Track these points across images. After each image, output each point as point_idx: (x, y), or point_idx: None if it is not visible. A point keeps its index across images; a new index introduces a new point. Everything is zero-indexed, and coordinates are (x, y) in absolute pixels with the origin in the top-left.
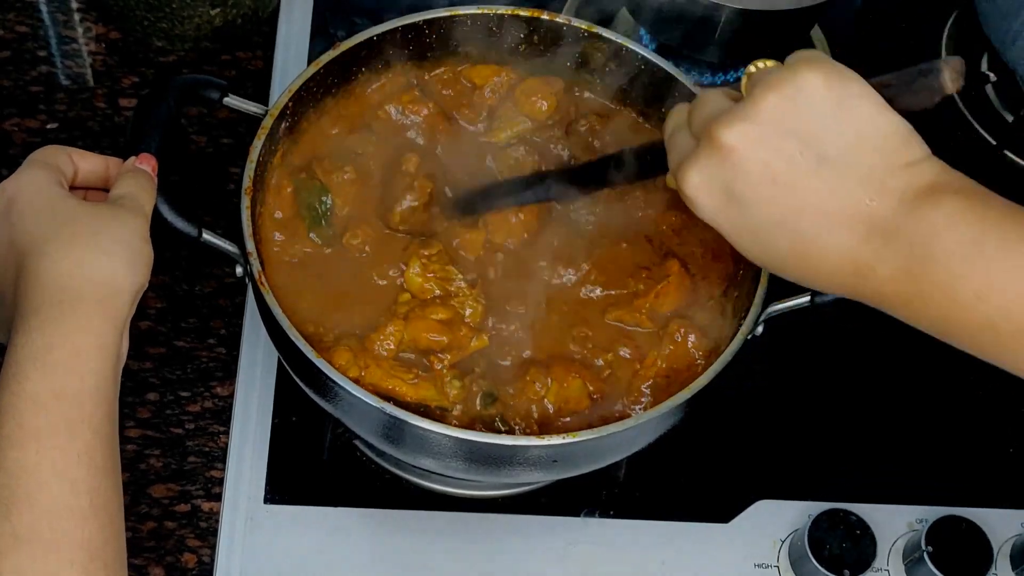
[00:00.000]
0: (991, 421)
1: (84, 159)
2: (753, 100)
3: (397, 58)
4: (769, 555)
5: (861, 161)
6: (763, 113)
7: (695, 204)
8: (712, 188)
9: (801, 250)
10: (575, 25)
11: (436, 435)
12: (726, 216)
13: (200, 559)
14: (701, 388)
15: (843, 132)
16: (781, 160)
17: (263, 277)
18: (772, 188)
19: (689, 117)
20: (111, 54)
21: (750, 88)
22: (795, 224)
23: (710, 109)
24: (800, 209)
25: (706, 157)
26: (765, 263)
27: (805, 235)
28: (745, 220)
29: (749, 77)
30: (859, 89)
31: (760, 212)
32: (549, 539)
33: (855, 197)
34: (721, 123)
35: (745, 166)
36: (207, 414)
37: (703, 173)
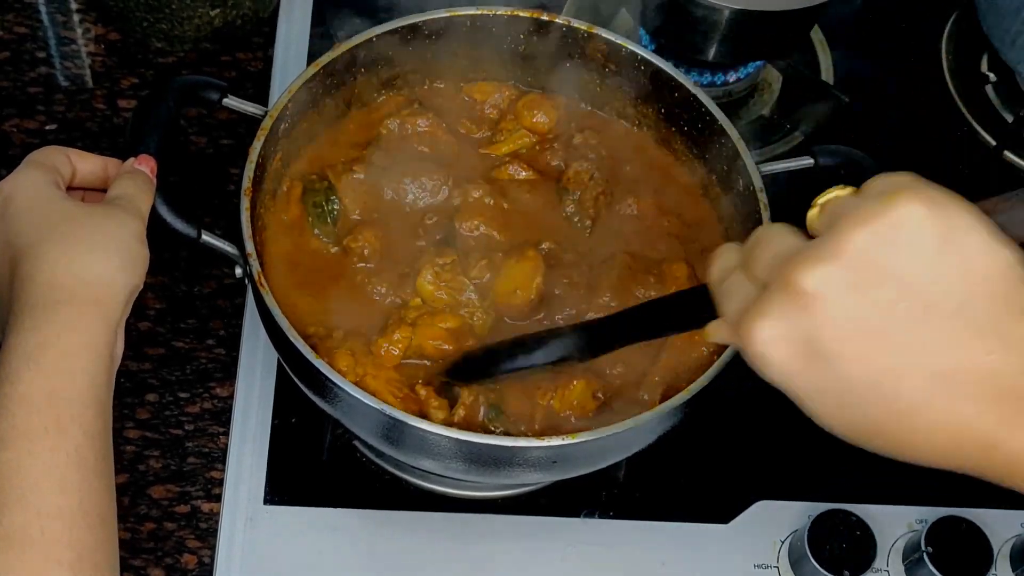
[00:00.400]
0: None
1: (83, 160)
2: (837, 237)
3: (396, 59)
4: (769, 555)
5: (975, 307)
6: (853, 253)
7: (765, 362)
8: (789, 343)
9: (904, 419)
10: (575, 26)
11: (436, 436)
12: (805, 377)
13: (200, 560)
14: (701, 388)
15: (950, 273)
16: (876, 309)
17: (262, 278)
18: (865, 343)
19: (748, 257)
20: (110, 55)
21: (831, 222)
22: (894, 388)
23: (779, 248)
24: (901, 369)
25: (780, 306)
26: (853, 434)
27: (908, 401)
28: (829, 383)
29: (823, 208)
30: (967, 221)
31: (849, 372)
32: (549, 540)
33: (971, 352)
34: (799, 265)
35: (832, 316)
36: (207, 415)
37: (776, 325)
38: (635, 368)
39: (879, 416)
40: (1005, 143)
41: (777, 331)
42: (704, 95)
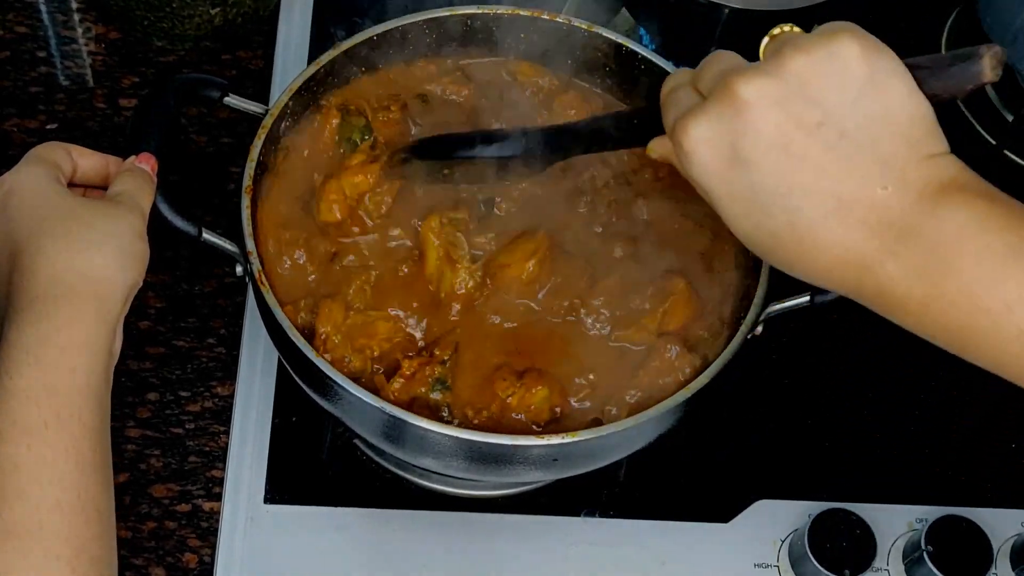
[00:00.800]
0: (991, 421)
1: (84, 156)
2: (780, 59)
3: (396, 58)
4: (769, 555)
5: (882, 145)
6: (789, 74)
7: (692, 160)
8: (716, 143)
9: (800, 233)
10: (575, 25)
11: (436, 435)
12: (723, 179)
13: (201, 559)
14: (701, 388)
15: (869, 110)
16: (800, 127)
17: (263, 276)
18: (782, 156)
19: (697, 75)
20: (111, 54)
21: (777, 48)
22: (799, 201)
23: (726, 64)
24: (807, 185)
25: (715, 109)
26: (754, 241)
27: (807, 216)
28: (744, 187)
29: (773, 39)
30: (893, 66)
31: (763, 180)
32: (549, 539)
33: (870, 182)
34: (741, 75)
35: (758, 125)
36: (207, 414)
37: (709, 126)
38: (606, 383)
39: (780, 228)
40: (1005, 142)
41: (707, 132)
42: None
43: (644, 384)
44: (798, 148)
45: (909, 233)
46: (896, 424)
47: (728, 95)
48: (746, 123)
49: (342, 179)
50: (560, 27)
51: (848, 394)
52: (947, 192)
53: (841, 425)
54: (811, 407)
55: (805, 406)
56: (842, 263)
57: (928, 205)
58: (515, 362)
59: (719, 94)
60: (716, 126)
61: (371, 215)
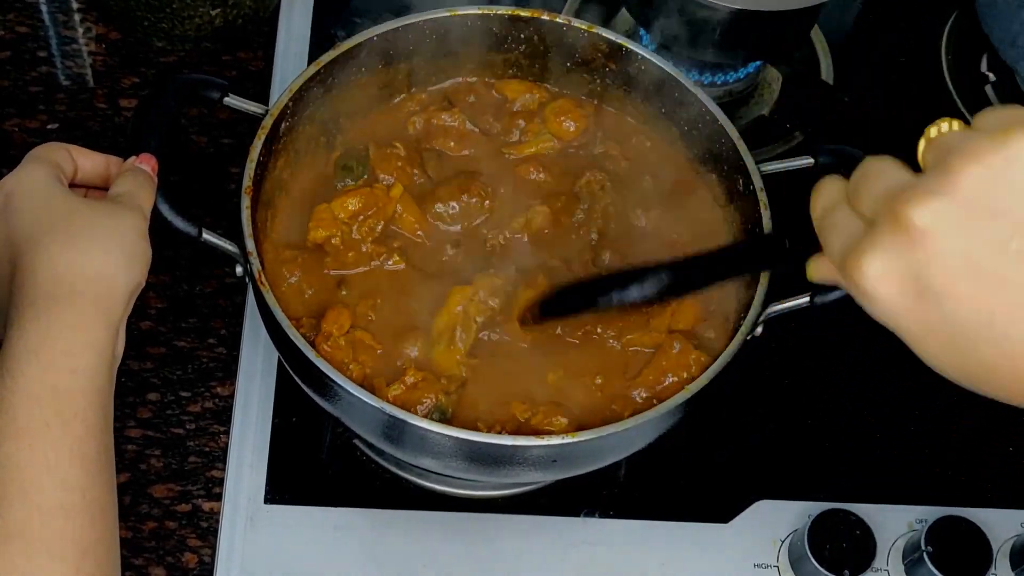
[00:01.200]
0: (991, 421)
1: (85, 157)
2: (949, 172)
3: (396, 58)
4: (769, 555)
5: None
6: (964, 189)
7: (874, 300)
8: (897, 280)
9: (1017, 363)
10: (575, 25)
11: (436, 435)
12: (913, 315)
13: (201, 559)
14: (701, 388)
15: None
16: (988, 248)
17: (263, 276)
18: (975, 283)
19: (854, 191)
20: (111, 54)
21: (942, 157)
22: (1005, 328)
23: (888, 182)
24: (1012, 309)
25: (889, 242)
26: (962, 376)
27: (1018, 342)
28: (938, 321)
29: (932, 143)
30: None
31: (958, 311)
32: (549, 539)
33: None
34: (909, 200)
35: (942, 255)
36: (207, 414)
37: (886, 261)
38: (614, 384)
39: (989, 357)
40: None
41: (886, 267)
42: (704, 95)
43: (651, 382)
44: (991, 270)
45: None
46: (896, 424)
47: (900, 224)
48: (928, 254)
49: (333, 203)
50: (560, 27)
51: (848, 394)
52: None
53: (841, 425)
54: (811, 407)
55: (805, 406)
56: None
57: None
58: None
59: (889, 222)
60: (894, 261)
61: (364, 239)
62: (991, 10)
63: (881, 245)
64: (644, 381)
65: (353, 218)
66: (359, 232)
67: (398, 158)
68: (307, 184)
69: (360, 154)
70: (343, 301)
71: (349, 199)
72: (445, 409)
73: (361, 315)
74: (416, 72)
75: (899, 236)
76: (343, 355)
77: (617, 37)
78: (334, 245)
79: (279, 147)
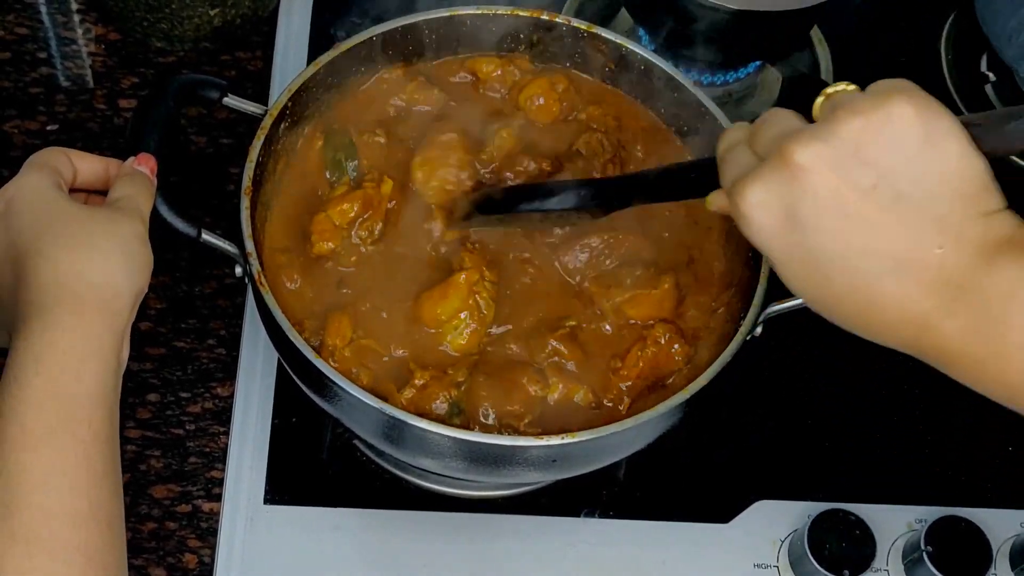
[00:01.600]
0: (991, 421)
1: (83, 160)
2: (834, 122)
3: (397, 58)
4: (769, 555)
5: (939, 204)
6: (844, 137)
7: (750, 223)
8: (773, 208)
9: (861, 295)
10: (575, 25)
11: (436, 435)
12: (783, 242)
13: (201, 559)
14: (701, 388)
15: (925, 170)
16: (855, 190)
17: (262, 277)
18: (840, 219)
19: (753, 134)
20: (111, 55)
21: (830, 110)
22: (858, 263)
23: (782, 127)
24: (866, 247)
25: (772, 174)
26: (815, 301)
27: (867, 277)
28: (802, 250)
29: (828, 98)
30: (949, 126)
31: (822, 243)
32: (549, 539)
33: (927, 242)
34: (796, 140)
35: (815, 190)
36: (207, 415)
37: (766, 190)
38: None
39: (840, 288)
40: None
41: (765, 197)
42: (704, 95)
43: (646, 372)
44: (854, 211)
45: (965, 291)
46: (896, 424)
47: (784, 160)
48: (802, 188)
49: (329, 211)
50: (560, 27)
51: (848, 394)
52: (1003, 249)
53: (841, 425)
54: (811, 407)
55: (805, 406)
56: (901, 322)
57: (984, 263)
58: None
59: (775, 159)
60: (773, 191)
61: (364, 241)
62: (990, 10)
63: (764, 177)
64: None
65: (351, 223)
66: (358, 236)
67: (381, 146)
68: (306, 184)
69: (345, 144)
70: (344, 302)
71: (345, 204)
72: (460, 403)
73: (363, 315)
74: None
75: (781, 171)
76: (350, 364)
77: (617, 37)
78: (336, 252)
79: (278, 147)
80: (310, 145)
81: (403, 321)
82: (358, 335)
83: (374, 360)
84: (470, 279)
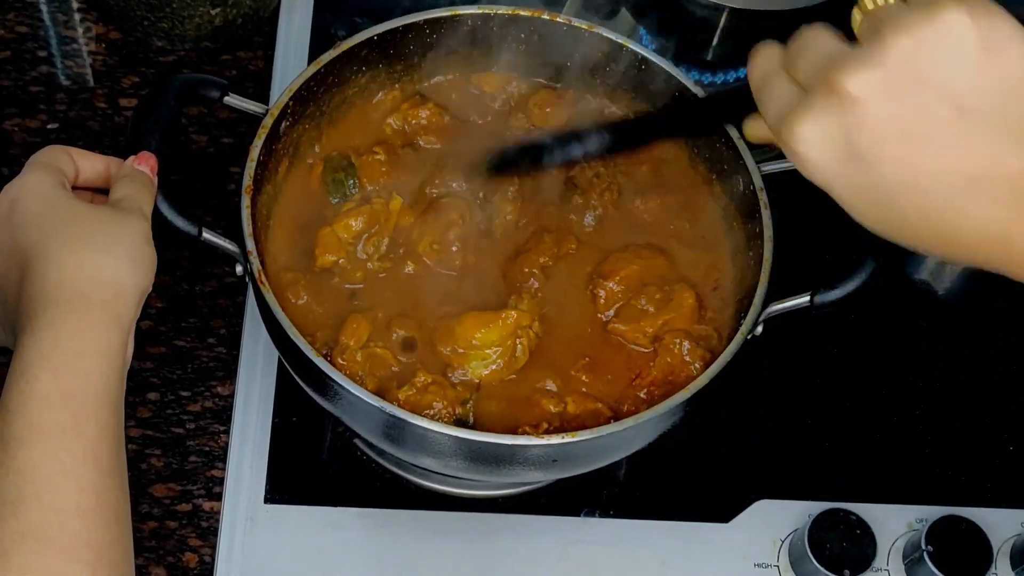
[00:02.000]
0: (991, 421)
1: (85, 159)
2: (881, 43)
3: (397, 58)
4: (769, 555)
5: (1008, 113)
6: (895, 58)
7: (806, 163)
8: (829, 145)
9: (935, 218)
10: (575, 25)
11: (436, 434)
12: (844, 177)
13: (201, 559)
14: (701, 388)
15: (990, 80)
16: (915, 113)
17: (263, 276)
18: (902, 145)
19: (790, 59)
20: (111, 54)
21: (875, 28)
22: (928, 187)
23: (822, 51)
24: (935, 170)
25: (823, 108)
26: (888, 231)
27: (940, 200)
28: (868, 183)
29: (867, 14)
30: (1010, 30)
31: (887, 173)
32: (549, 539)
33: (1001, 155)
34: (843, 68)
35: (873, 119)
36: (207, 414)
37: (819, 127)
38: (623, 380)
39: (912, 216)
40: None
41: (819, 133)
42: (704, 95)
43: (659, 380)
44: (917, 134)
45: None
46: (896, 424)
47: (834, 91)
48: (858, 119)
49: (335, 225)
50: (560, 27)
51: (848, 394)
52: None
53: (841, 425)
54: (811, 407)
55: (805, 406)
56: (983, 242)
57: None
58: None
59: (823, 90)
60: (826, 126)
61: (371, 257)
62: None
63: (815, 111)
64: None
65: (357, 238)
66: (364, 251)
67: (381, 164)
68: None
69: (344, 164)
70: (358, 309)
71: (351, 219)
72: (466, 418)
73: (380, 325)
74: (416, 72)
75: (832, 103)
76: (358, 368)
77: (617, 37)
78: (341, 266)
79: (279, 147)
80: (311, 171)
81: (423, 335)
82: (374, 343)
83: (383, 369)
84: (520, 322)
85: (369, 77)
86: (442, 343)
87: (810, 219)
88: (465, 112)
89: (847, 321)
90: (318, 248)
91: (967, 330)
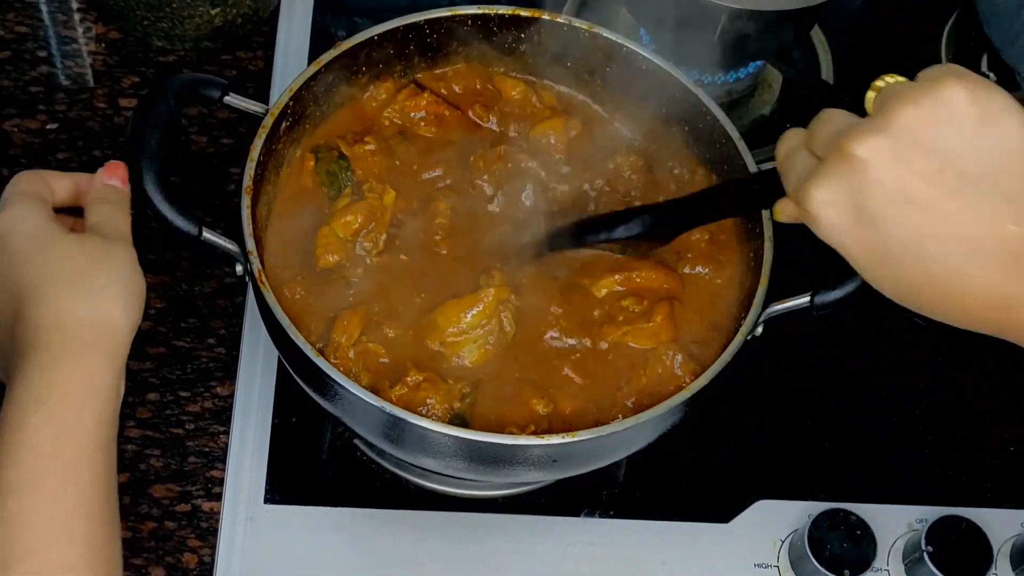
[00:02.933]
0: (991, 421)
1: (56, 180)
2: (887, 113)
3: (397, 58)
4: (769, 555)
5: (1005, 181)
6: (899, 126)
7: (819, 223)
8: (840, 205)
9: (939, 280)
10: (575, 25)
11: (436, 434)
12: (855, 237)
13: (201, 559)
14: (701, 388)
15: (987, 149)
16: (919, 176)
17: (263, 276)
18: (906, 207)
19: (810, 136)
20: (111, 54)
21: (883, 102)
22: (931, 249)
23: (837, 125)
24: (937, 232)
25: (834, 172)
26: (894, 292)
27: (942, 262)
28: (876, 242)
29: (879, 92)
30: (1004, 103)
31: (892, 233)
32: (549, 539)
33: (999, 220)
34: (852, 135)
35: (878, 181)
36: (207, 414)
37: (830, 188)
38: (607, 389)
39: (917, 276)
40: None
41: (830, 194)
42: (704, 95)
43: (651, 389)
44: (920, 197)
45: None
46: (896, 424)
47: (844, 155)
48: (866, 181)
49: (333, 223)
50: (560, 27)
51: (848, 394)
52: None
53: (841, 425)
54: (811, 407)
55: (805, 406)
56: (983, 306)
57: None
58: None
59: (835, 156)
60: (837, 188)
61: (369, 253)
62: (991, 10)
63: (827, 175)
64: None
65: (355, 235)
66: (363, 248)
67: (371, 154)
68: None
69: (337, 156)
70: (354, 303)
71: (348, 216)
72: (464, 415)
73: (373, 320)
74: (416, 72)
75: (842, 167)
76: (352, 365)
77: (617, 37)
78: (342, 265)
79: (279, 147)
80: (302, 166)
81: (413, 330)
82: (366, 338)
83: (376, 364)
84: (499, 296)
85: (369, 77)
86: (429, 337)
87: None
88: (470, 103)
89: (847, 321)
90: (319, 248)
91: (967, 330)
